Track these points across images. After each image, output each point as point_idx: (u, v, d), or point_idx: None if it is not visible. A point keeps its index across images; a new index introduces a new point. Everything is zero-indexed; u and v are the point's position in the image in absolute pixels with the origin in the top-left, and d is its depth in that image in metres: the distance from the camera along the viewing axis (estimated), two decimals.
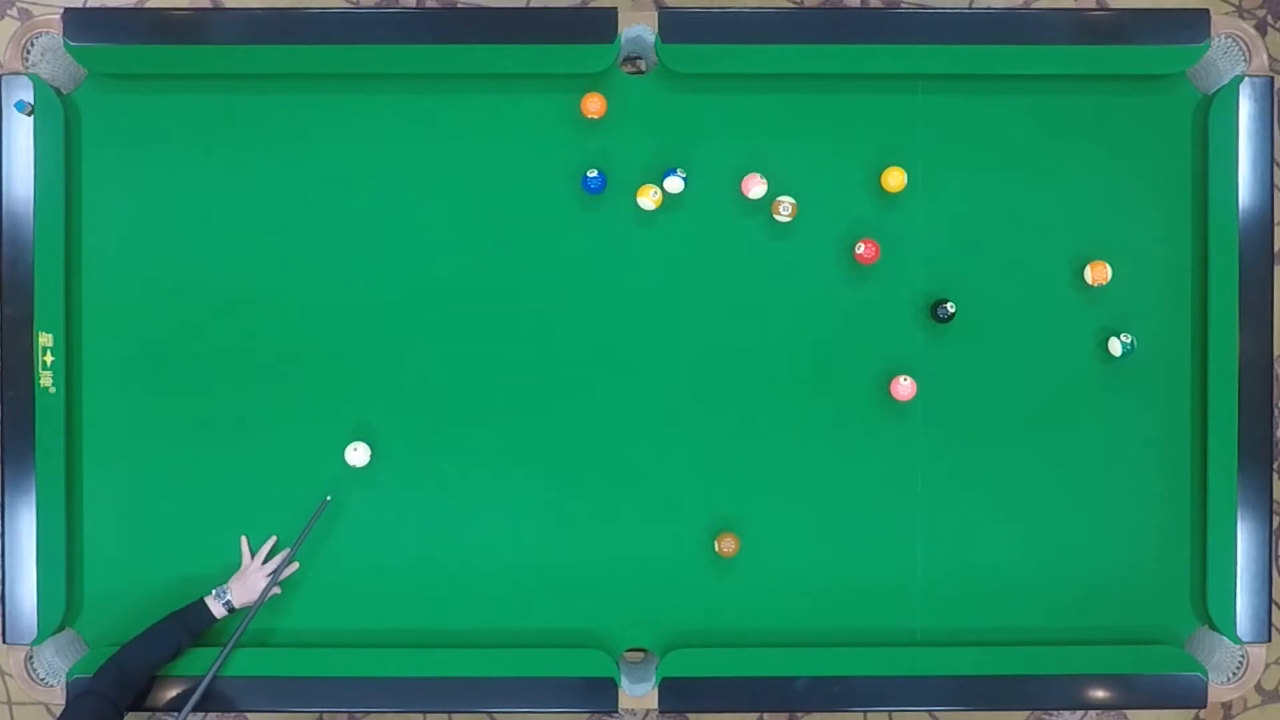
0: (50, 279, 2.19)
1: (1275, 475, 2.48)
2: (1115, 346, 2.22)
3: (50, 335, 2.20)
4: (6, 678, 2.91)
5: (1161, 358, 2.26)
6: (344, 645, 2.18)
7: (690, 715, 2.79)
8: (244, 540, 2.20)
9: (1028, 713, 2.97)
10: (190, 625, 2.10)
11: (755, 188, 2.21)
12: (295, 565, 2.20)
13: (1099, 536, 2.25)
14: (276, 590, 2.17)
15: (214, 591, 2.13)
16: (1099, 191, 2.26)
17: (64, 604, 2.20)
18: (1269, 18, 3.00)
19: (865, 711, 2.52)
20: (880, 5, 2.99)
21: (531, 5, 2.96)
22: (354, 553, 2.23)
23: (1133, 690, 2.21)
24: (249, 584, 2.14)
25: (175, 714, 2.09)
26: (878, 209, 2.25)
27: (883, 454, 2.25)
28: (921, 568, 2.25)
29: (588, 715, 2.76)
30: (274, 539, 2.20)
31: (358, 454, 2.18)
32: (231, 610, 2.13)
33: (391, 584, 2.23)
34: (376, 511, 2.24)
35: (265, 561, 2.18)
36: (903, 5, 2.97)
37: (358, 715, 2.17)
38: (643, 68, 2.29)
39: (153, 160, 2.24)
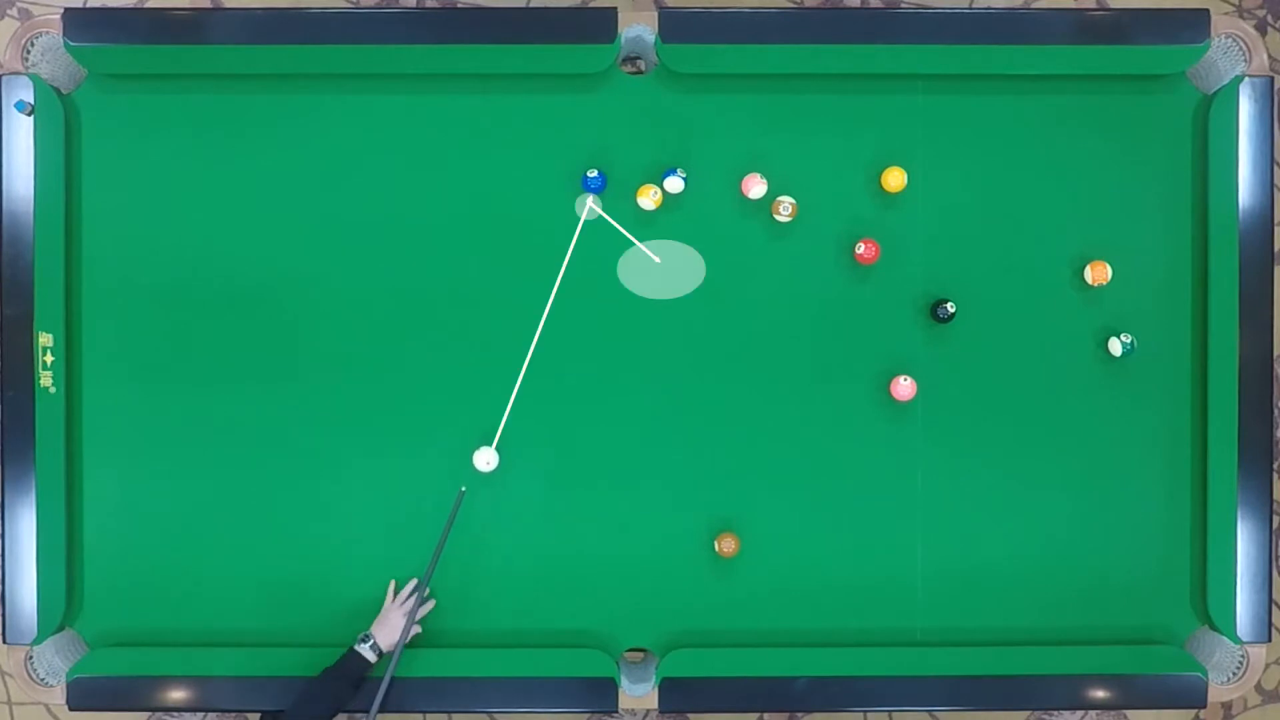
0: (50, 279, 2.19)
1: (1275, 475, 2.48)
2: (1115, 346, 2.22)
3: (50, 335, 2.20)
4: (6, 678, 2.91)
5: (1161, 358, 2.26)
6: (344, 645, 2.18)
7: (690, 715, 2.79)
8: (391, 584, 2.19)
9: (1028, 713, 2.97)
10: (349, 675, 2.08)
11: (755, 188, 2.21)
12: (432, 603, 2.19)
13: (1099, 536, 2.25)
14: (417, 629, 2.15)
15: (360, 637, 2.11)
16: (1099, 191, 2.26)
17: (64, 604, 2.20)
18: (1269, 18, 3.00)
19: (865, 711, 2.52)
20: (880, 5, 2.99)
21: (531, 5, 2.96)
22: (353, 552, 2.23)
23: (1133, 690, 2.20)
24: (390, 625, 2.13)
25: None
26: (878, 209, 2.25)
27: (883, 454, 2.25)
28: (921, 568, 2.24)
29: (588, 715, 2.76)
30: (413, 581, 2.19)
31: (485, 458, 2.19)
32: (380, 654, 2.12)
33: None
34: (376, 511, 2.24)
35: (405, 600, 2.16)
36: (903, 5, 2.96)
37: (358, 715, 2.17)
38: (643, 68, 2.29)
39: (153, 160, 2.23)
